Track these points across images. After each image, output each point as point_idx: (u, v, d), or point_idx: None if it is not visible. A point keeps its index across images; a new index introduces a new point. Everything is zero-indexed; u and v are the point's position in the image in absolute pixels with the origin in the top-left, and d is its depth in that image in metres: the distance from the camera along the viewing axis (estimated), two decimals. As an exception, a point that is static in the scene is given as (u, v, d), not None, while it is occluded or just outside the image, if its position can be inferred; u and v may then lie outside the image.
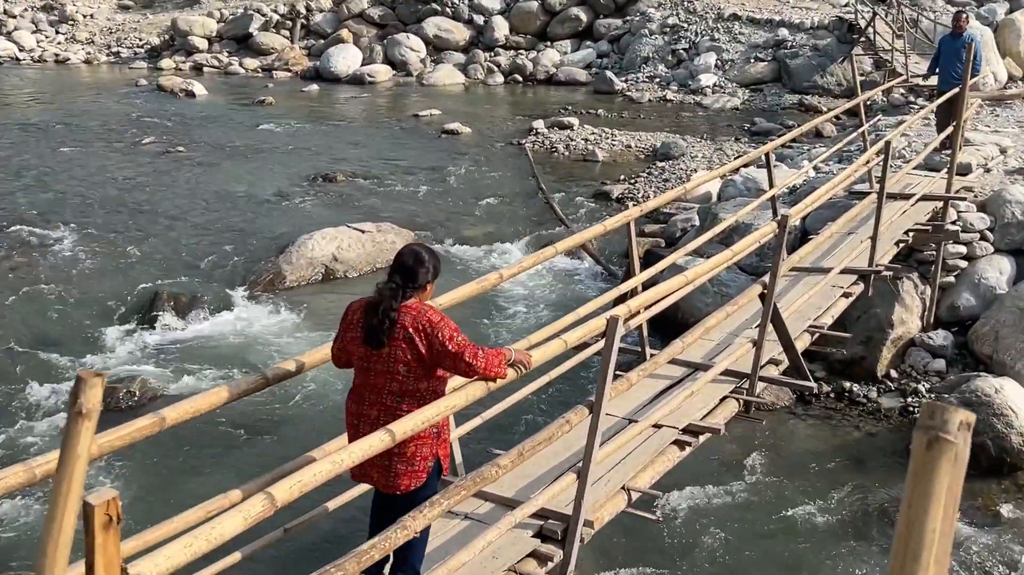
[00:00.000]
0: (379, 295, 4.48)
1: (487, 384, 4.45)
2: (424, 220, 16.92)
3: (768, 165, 9.93)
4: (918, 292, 11.25)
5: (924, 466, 1.06)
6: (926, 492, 1.05)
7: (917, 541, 1.04)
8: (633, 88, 29.11)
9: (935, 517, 1.04)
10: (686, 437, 6.45)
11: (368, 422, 4.41)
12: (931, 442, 1.05)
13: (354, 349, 4.55)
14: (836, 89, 26.61)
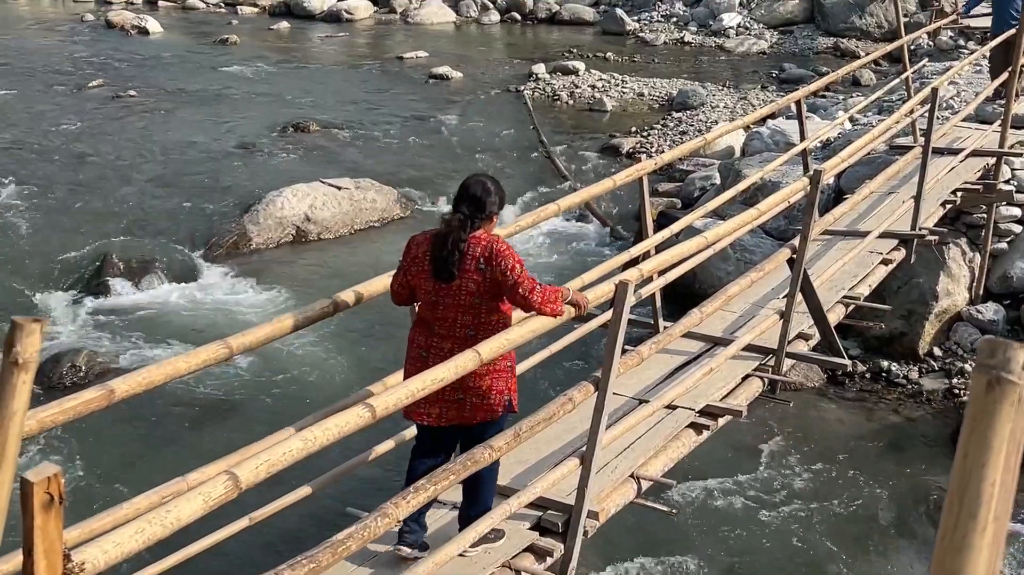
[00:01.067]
0: (447, 227, 4.90)
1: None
2: (409, 176, 16.86)
3: (800, 114, 9.88)
4: (966, 260, 11.25)
5: (983, 410, 1.04)
6: (985, 439, 1.04)
7: (974, 495, 1.02)
8: (646, 29, 28.97)
9: (995, 467, 1.02)
10: (703, 420, 6.46)
11: (441, 355, 4.76)
12: (991, 383, 1.03)
13: (421, 283, 5.00)
14: (876, 32, 26.49)
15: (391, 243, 14.04)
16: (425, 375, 3.93)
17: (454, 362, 4.09)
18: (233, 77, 23.95)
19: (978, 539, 1.00)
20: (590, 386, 4.99)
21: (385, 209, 15.06)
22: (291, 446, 3.32)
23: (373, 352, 10.97)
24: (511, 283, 4.82)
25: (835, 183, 11.93)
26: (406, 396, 3.77)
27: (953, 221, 11.37)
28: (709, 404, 6.54)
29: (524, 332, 4.65)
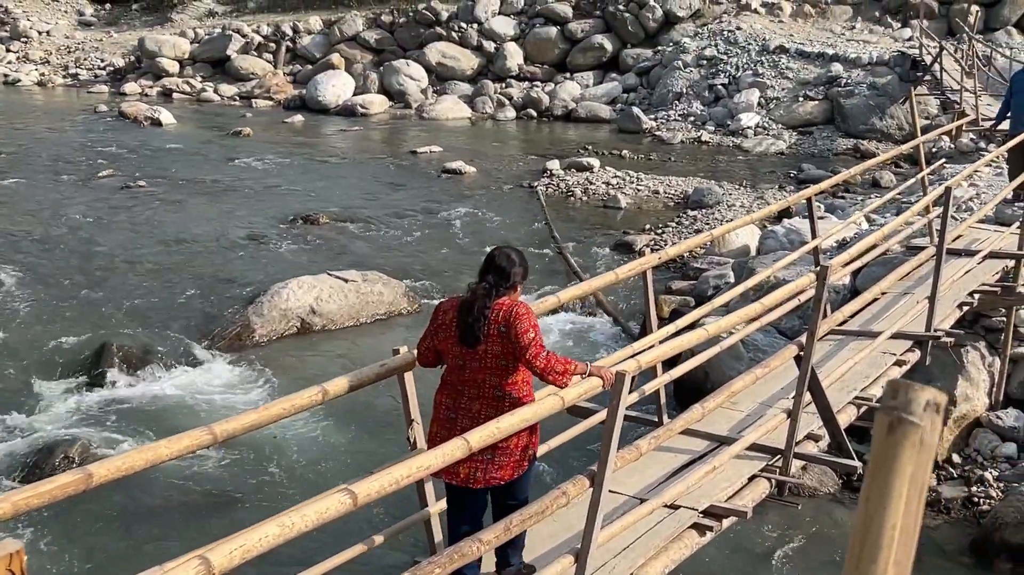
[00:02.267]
0: (473, 295, 5.37)
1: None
2: (418, 269, 16.99)
3: (811, 212, 9.97)
4: (985, 364, 11.20)
5: (885, 453, 1.05)
6: (886, 483, 1.05)
7: (875, 539, 1.03)
8: (663, 127, 29.38)
9: (895, 511, 1.03)
10: (707, 521, 6.40)
11: (469, 415, 5.31)
12: (893, 425, 1.05)
13: (448, 348, 5.43)
14: (897, 134, 26.79)
15: (398, 336, 14.10)
16: (411, 462, 3.94)
17: (442, 450, 4.11)
18: (244, 169, 24.33)
19: None
20: (585, 480, 4.97)
21: (392, 302, 15.14)
22: (267, 531, 3.32)
23: (365, 442, 10.96)
24: (522, 345, 5.23)
25: (851, 283, 11.97)
26: (389, 483, 3.78)
27: (972, 324, 11.36)
28: (713, 504, 6.48)
29: (540, 410, 4.79)
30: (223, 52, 37.22)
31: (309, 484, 9.57)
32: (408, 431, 5.59)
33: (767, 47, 31.13)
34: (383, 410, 11.16)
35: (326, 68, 35.07)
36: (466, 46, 35.21)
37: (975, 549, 9.47)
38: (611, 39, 33.97)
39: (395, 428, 10.34)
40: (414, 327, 14.39)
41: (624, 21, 33.77)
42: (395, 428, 10.34)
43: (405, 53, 35.53)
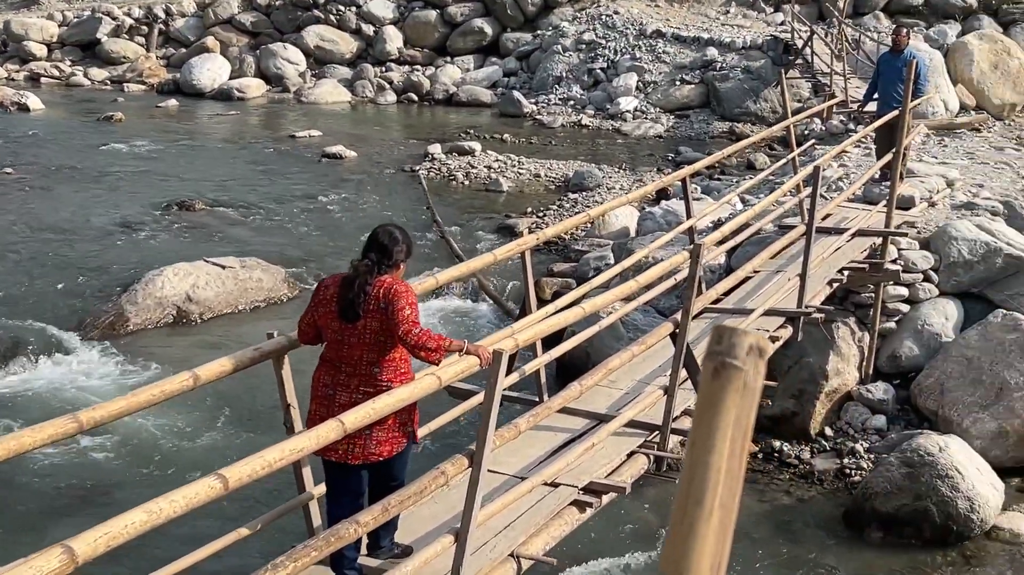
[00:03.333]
0: (355, 271, 5.42)
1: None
2: (298, 255, 16.80)
3: (686, 192, 10.13)
4: (855, 339, 11.54)
5: (710, 397, 1.07)
6: (711, 426, 1.06)
7: (700, 483, 1.05)
8: (544, 111, 29.50)
9: (720, 454, 1.05)
10: (587, 497, 6.46)
11: (347, 391, 5.37)
12: (717, 369, 1.06)
13: (327, 324, 5.48)
14: (771, 116, 27.34)
15: (277, 323, 13.90)
16: (284, 445, 3.88)
17: (317, 432, 4.07)
18: (116, 155, 23.70)
19: (704, 527, 1.02)
20: (464, 460, 4.98)
21: (272, 289, 14.94)
22: (133, 518, 3.24)
23: (243, 429, 10.82)
24: (396, 321, 5.27)
25: (726, 263, 12.19)
26: (262, 467, 3.72)
27: (842, 301, 11.68)
28: (592, 481, 6.55)
29: (409, 394, 4.81)
30: (93, 35, 36.13)
31: (184, 473, 9.40)
32: (284, 415, 5.52)
33: (644, 31, 31.45)
34: (261, 396, 11.00)
35: (201, 51, 34.32)
36: (344, 29, 34.81)
37: (847, 519, 9.76)
38: (491, 23, 33.94)
39: (274, 414, 10.23)
40: (294, 313, 14.13)
41: (503, 5, 33.77)
42: (274, 414, 10.23)
43: (282, 36, 34.96)
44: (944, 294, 11.91)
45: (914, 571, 9.05)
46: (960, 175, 14.76)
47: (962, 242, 11.84)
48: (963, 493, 9.32)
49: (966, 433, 10.45)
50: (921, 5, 31.67)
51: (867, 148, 16.16)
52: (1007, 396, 10.55)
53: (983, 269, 11.75)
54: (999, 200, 13.56)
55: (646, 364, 8.40)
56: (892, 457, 9.81)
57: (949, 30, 29.87)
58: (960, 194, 14.04)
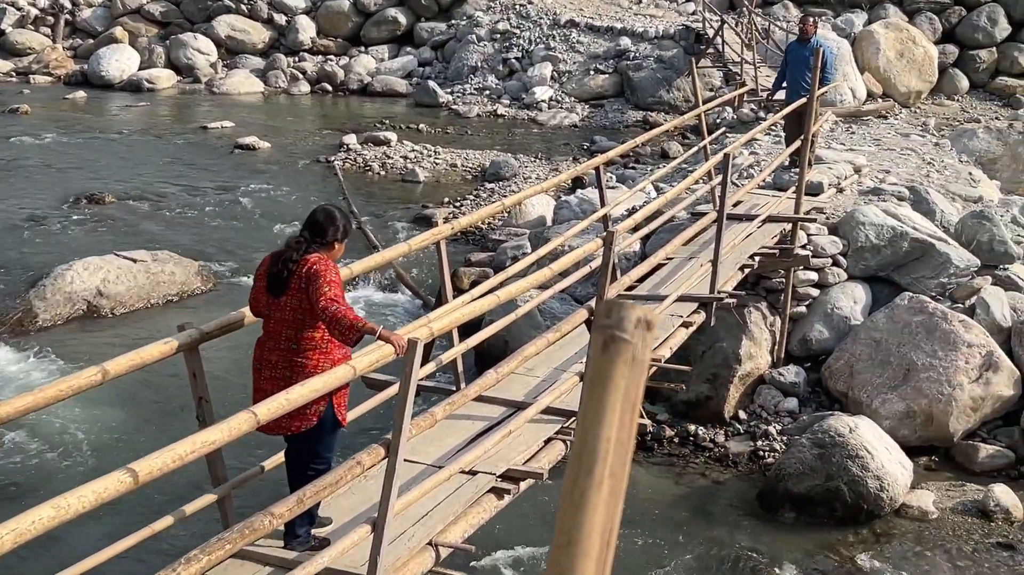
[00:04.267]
0: (285, 247, 5.54)
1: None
2: (212, 248, 16.58)
3: (600, 181, 10.21)
4: (767, 324, 11.74)
5: (600, 370, 1.09)
6: (601, 398, 1.09)
7: (591, 453, 1.07)
8: (459, 101, 29.46)
9: (610, 425, 1.07)
10: (505, 484, 6.50)
11: (269, 366, 5.47)
12: (606, 342, 1.08)
13: (260, 297, 5.62)
14: (684, 105, 27.59)
15: (191, 317, 13.71)
16: (195, 438, 3.84)
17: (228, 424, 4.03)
18: (23, 148, 23.14)
19: (595, 495, 1.04)
20: (381, 449, 4.97)
21: (185, 282, 14.73)
22: (41, 514, 3.19)
23: (157, 424, 10.68)
24: (315, 297, 5.31)
25: (641, 250, 12.31)
26: (172, 460, 3.68)
27: (753, 286, 11.86)
28: (510, 468, 6.59)
29: (330, 380, 4.87)
30: (-4, 25, 35.22)
31: (96, 469, 9.23)
32: (197, 409, 5.46)
33: (558, 21, 31.56)
34: (177, 389, 10.86)
35: (109, 42, 33.61)
36: (256, 19, 34.36)
37: (761, 500, 9.94)
38: (405, 12, 33.76)
39: (190, 407, 10.15)
40: (208, 306, 14.04)
41: (418, -6, 33.66)
42: (190, 407, 10.15)
43: (193, 26, 34.40)
44: (852, 278, 12.17)
45: (826, 550, 9.25)
46: (867, 161, 15.08)
47: (869, 227, 12.09)
48: (873, 472, 9.54)
49: (875, 414, 10.70)
50: (829, -5, 32.19)
51: (777, 136, 16.43)
52: (914, 377, 10.81)
53: (890, 253, 12.02)
54: (905, 185, 13.88)
55: (563, 351, 8.45)
56: (804, 439, 10.00)
57: (856, 19, 30.42)
58: (867, 180, 14.34)
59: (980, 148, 16.91)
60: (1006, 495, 9.72)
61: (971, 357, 10.75)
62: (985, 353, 10.78)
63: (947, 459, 10.76)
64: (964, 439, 10.75)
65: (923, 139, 17.64)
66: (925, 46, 27.89)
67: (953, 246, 12.05)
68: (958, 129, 19.18)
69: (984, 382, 10.69)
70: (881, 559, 9.08)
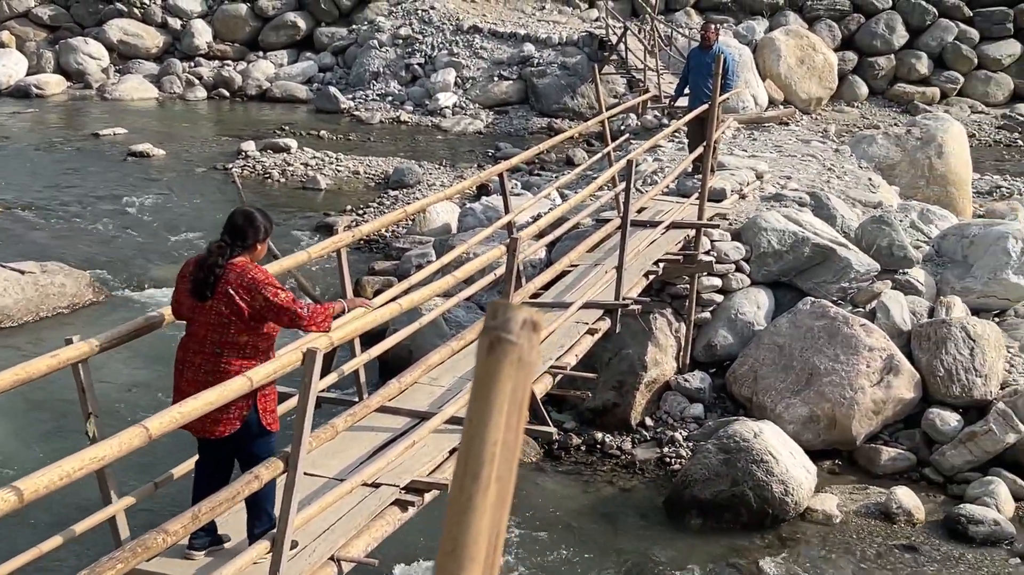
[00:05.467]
0: (208, 252, 5.60)
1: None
2: (104, 259, 16.24)
3: (503, 187, 10.23)
4: (672, 330, 11.87)
5: (486, 371, 1.09)
6: (487, 400, 1.09)
7: (476, 457, 1.07)
8: (362, 107, 29.31)
9: (497, 427, 1.07)
10: (409, 496, 6.46)
11: (192, 368, 5.55)
12: (492, 344, 1.08)
13: (184, 300, 5.68)
14: (588, 112, 27.79)
15: (82, 330, 13.40)
16: (83, 454, 3.74)
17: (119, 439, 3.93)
18: (-98, 155, 22.44)
19: (481, 500, 1.04)
20: (280, 463, 4.90)
21: (76, 294, 14.39)
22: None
23: (44, 441, 10.41)
24: (278, 306, 5.46)
25: (546, 257, 12.36)
26: (59, 477, 3.58)
27: (658, 292, 11.99)
28: (414, 479, 6.55)
29: (254, 379, 4.86)
30: None
31: None
32: (85, 425, 5.33)
33: (461, 27, 31.57)
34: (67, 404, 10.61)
35: (-5, 46, 32.79)
36: (150, 23, 33.79)
37: (668, 507, 10.04)
38: (304, 17, 33.49)
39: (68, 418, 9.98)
40: (101, 319, 13.74)
41: (317, -1, 33.45)
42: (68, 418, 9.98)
43: (83, 30, 33.71)
44: (755, 283, 12.37)
45: (733, 555, 9.37)
46: (769, 168, 15.35)
47: (771, 232, 12.30)
48: (778, 477, 9.69)
49: (779, 418, 10.87)
50: (730, 2, 32.80)
51: (680, 142, 16.64)
52: (817, 381, 11.02)
53: (792, 258, 12.24)
54: (806, 191, 14.16)
55: (468, 360, 8.42)
56: (709, 444, 10.12)
57: (757, 26, 31.01)
58: (769, 186, 14.60)
59: (879, 154, 17.31)
60: (908, 497, 9.94)
61: (872, 361, 10.99)
62: (886, 356, 11.03)
63: (850, 462, 10.98)
64: (866, 442, 10.97)
65: (824, 145, 18.02)
66: (825, 53, 28.56)
67: (854, 251, 12.31)
68: (858, 135, 19.63)
69: (885, 385, 10.93)
70: (787, 563, 9.23)
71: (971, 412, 11.00)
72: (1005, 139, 28.16)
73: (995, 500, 9.85)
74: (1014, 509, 9.93)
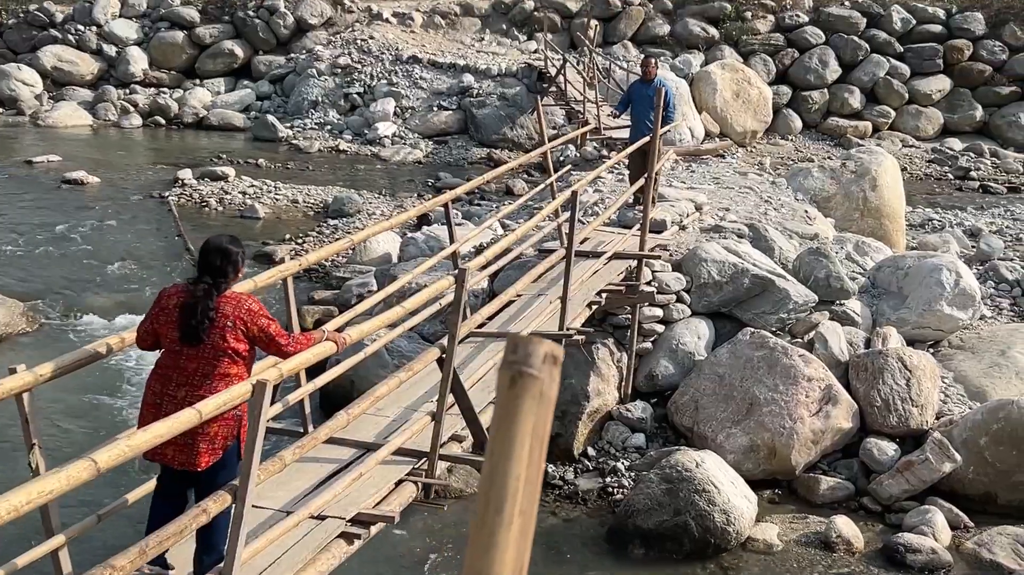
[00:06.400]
0: (194, 298, 5.56)
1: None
2: (38, 287, 15.98)
3: (448, 217, 10.24)
4: (614, 360, 11.92)
5: (507, 406, 1.10)
6: (509, 435, 1.09)
7: (500, 491, 1.07)
8: (300, 136, 29.21)
9: (520, 462, 1.08)
10: (355, 528, 6.40)
11: (174, 402, 5.41)
12: (514, 378, 1.09)
13: (167, 334, 5.63)
14: (527, 143, 27.99)
15: (17, 359, 13.14)
16: (31, 487, 3.67)
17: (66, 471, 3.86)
18: None
19: (504, 535, 1.04)
20: (227, 495, 4.84)
21: (9, 323, 14.13)
22: None
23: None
24: (266, 338, 5.62)
25: (489, 287, 12.37)
26: (6, 511, 3.50)
27: (600, 322, 12.04)
28: (360, 512, 6.50)
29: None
30: None
31: None
32: (28, 456, 5.22)
33: (400, 57, 31.65)
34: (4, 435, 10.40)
35: (-76, 71, 32.23)
36: (84, 50, 33.45)
37: (611, 537, 10.05)
38: (242, 45, 33.37)
39: (18, 454, 9.74)
40: (36, 348, 13.50)
41: (255, 27, 33.30)
42: (18, 454, 9.74)
43: (16, 56, 33.29)
44: (696, 314, 12.47)
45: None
46: (708, 199, 15.53)
47: (711, 263, 12.43)
48: (719, 506, 9.75)
49: (720, 448, 10.95)
50: (667, 35, 33.20)
51: (620, 174, 16.78)
52: (757, 411, 11.12)
53: (731, 289, 12.37)
54: (744, 223, 14.34)
55: (412, 391, 8.41)
56: (652, 474, 10.16)
57: (693, 59, 31.46)
58: (708, 218, 14.77)
59: (815, 187, 17.59)
60: (847, 526, 10.05)
61: (811, 391, 11.12)
62: (824, 387, 11.18)
63: (790, 492, 11.08)
64: (805, 472, 11.09)
65: (760, 178, 18.29)
66: (760, 87, 29.02)
67: (792, 282, 12.47)
68: (793, 168, 19.93)
69: (824, 415, 11.07)
70: (728, 592, 9.28)
71: (908, 442, 11.16)
72: (935, 173, 28.74)
73: (932, 529, 9.99)
74: (951, 537, 10.07)
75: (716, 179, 17.92)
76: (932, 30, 32.64)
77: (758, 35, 32.55)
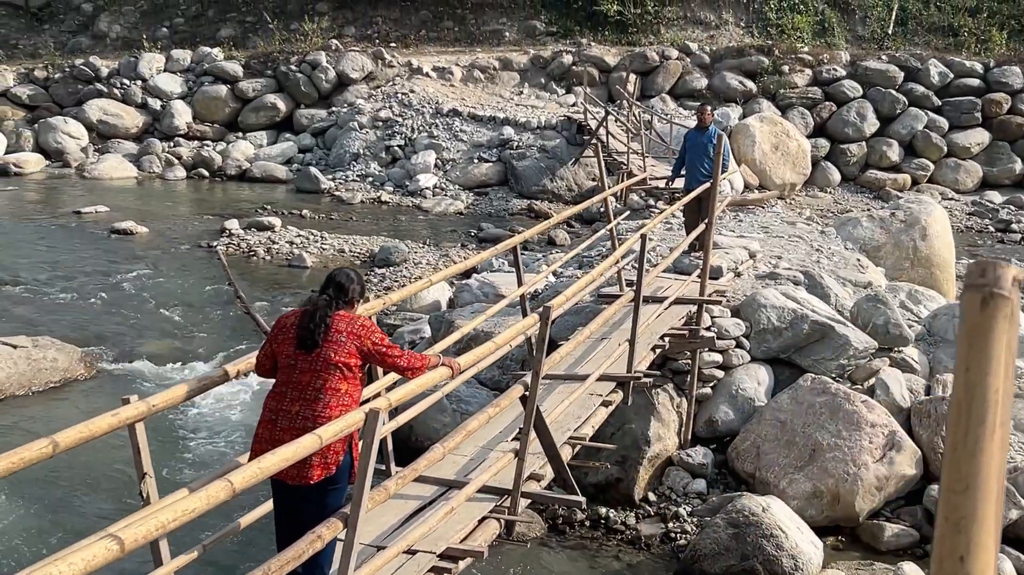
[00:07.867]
0: (314, 305, 5.96)
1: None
2: (94, 334, 16.13)
3: (516, 260, 10.32)
4: (674, 405, 11.92)
5: (980, 326, 1.15)
6: (984, 352, 1.14)
7: (980, 404, 1.11)
8: (342, 187, 29.49)
9: (997, 376, 1.13)
10: (444, 563, 6.44)
11: (288, 416, 5.73)
12: (985, 299, 1.14)
13: (283, 350, 5.92)
14: (567, 194, 28.18)
15: (74, 403, 13.31)
16: (176, 506, 3.73)
17: (204, 492, 3.92)
18: None
19: (989, 443, 1.09)
20: (338, 522, 4.89)
21: (68, 368, 14.28)
22: None
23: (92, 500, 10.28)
24: (384, 351, 5.91)
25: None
26: (155, 528, 3.56)
27: (659, 367, 12.05)
28: (450, 547, 6.53)
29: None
30: None
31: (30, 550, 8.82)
32: (140, 485, 5.29)
33: (441, 110, 31.99)
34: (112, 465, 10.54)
35: (-27, 124, 32.81)
36: (129, 103, 33.99)
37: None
38: (284, 99, 33.82)
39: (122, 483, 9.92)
40: (93, 393, 13.63)
41: (297, 82, 33.77)
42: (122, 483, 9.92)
43: (62, 110, 33.85)
44: (755, 359, 12.47)
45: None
46: (760, 247, 15.56)
47: (770, 309, 12.44)
48: (787, 551, 9.69)
49: (783, 494, 10.89)
50: (704, 89, 33.43)
51: (667, 222, 16.86)
52: (820, 457, 11.07)
53: (790, 335, 12.36)
54: (799, 270, 14.35)
55: (486, 431, 8.45)
56: (718, 519, 10.12)
57: (732, 112, 31.62)
58: (762, 265, 14.79)
59: (864, 236, 17.60)
60: (915, 573, 9.96)
61: (875, 437, 11.07)
62: (888, 433, 11.12)
63: (853, 539, 10.98)
64: (869, 518, 11.01)
65: (809, 227, 18.32)
66: (799, 139, 29.11)
67: (852, 328, 12.46)
68: (842, 218, 19.97)
69: (888, 461, 11.00)
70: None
71: (973, 488, 11.06)
72: (976, 225, 28.70)
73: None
74: (1020, 584, 9.96)
75: (765, 228, 17.96)
76: (970, 83, 32.74)
77: (795, 88, 32.73)
